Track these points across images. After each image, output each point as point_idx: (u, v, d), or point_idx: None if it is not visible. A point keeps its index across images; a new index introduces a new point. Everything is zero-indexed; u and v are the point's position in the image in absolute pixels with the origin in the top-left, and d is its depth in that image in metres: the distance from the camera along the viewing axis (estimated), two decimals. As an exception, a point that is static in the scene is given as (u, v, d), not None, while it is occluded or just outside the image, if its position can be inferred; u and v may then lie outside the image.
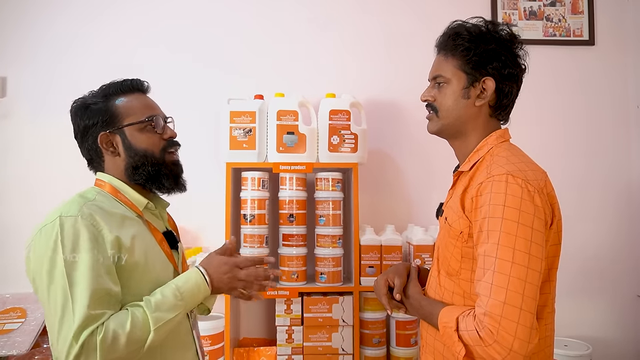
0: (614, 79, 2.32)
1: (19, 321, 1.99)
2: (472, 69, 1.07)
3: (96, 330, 0.90)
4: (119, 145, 1.10)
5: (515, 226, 0.92)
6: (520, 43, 1.10)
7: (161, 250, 1.10)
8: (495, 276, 0.91)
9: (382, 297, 1.17)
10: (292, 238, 1.95)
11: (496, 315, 0.89)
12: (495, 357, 0.90)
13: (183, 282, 1.04)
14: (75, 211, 0.97)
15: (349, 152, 1.97)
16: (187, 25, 2.26)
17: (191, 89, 2.22)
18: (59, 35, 2.23)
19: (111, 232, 0.98)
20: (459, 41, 1.08)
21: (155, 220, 1.16)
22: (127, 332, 0.92)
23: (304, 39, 2.28)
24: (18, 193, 2.19)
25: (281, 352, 1.92)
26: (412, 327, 1.95)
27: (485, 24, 1.10)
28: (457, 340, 0.95)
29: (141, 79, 1.17)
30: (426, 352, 1.15)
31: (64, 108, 2.16)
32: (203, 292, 1.05)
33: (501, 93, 1.09)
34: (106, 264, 0.96)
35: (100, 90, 1.13)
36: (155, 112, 1.14)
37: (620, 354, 2.25)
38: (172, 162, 1.15)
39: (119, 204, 1.08)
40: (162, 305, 0.98)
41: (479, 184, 1.00)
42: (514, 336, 0.88)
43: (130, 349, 0.93)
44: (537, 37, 2.32)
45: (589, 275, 2.26)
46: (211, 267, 1.09)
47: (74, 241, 0.94)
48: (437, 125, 1.13)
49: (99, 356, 0.89)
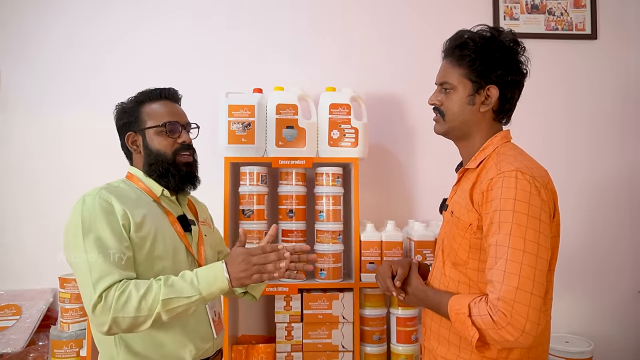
0: (616, 73, 2.30)
1: (14, 318, 1.96)
2: (478, 77, 1.14)
3: (114, 286, 1.05)
4: (140, 145, 1.28)
5: (526, 218, 1.00)
6: (523, 49, 1.17)
7: (173, 230, 1.23)
8: (508, 264, 0.98)
9: (387, 280, 1.22)
10: (292, 234, 1.93)
11: (509, 300, 0.96)
12: (508, 339, 0.96)
13: (203, 271, 1.13)
14: (96, 192, 1.16)
15: (349, 146, 1.94)
16: (186, 17, 2.22)
17: (189, 81, 2.18)
18: (54, 29, 2.19)
19: (122, 208, 1.14)
20: (466, 52, 1.14)
21: (172, 205, 1.29)
22: (140, 296, 1.05)
23: (304, 31, 2.25)
24: (12, 189, 2.16)
25: (280, 349, 1.90)
26: (412, 324, 1.93)
27: (490, 31, 1.16)
28: (471, 325, 1.01)
29: (173, 88, 1.33)
30: (430, 338, 1.22)
31: (57, 102, 2.17)
32: (220, 284, 1.12)
33: (504, 99, 1.16)
34: (118, 232, 1.12)
35: (136, 95, 1.31)
36: (174, 118, 1.28)
37: (621, 350, 2.24)
38: (183, 163, 1.29)
39: (138, 190, 1.25)
40: (177, 284, 1.09)
41: (489, 180, 1.06)
42: (526, 318, 0.95)
43: (138, 314, 1.04)
44: (539, 30, 2.30)
45: (590, 272, 2.25)
46: (230, 260, 1.16)
47: (92, 213, 1.11)
48: (443, 127, 1.20)
49: (112, 309, 1.03)
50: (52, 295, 2.09)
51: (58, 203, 2.08)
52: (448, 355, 1.15)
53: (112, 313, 1.03)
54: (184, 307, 1.08)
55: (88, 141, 2.17)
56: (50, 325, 1.99)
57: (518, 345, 0.97)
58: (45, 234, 2.09)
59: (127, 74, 2.17)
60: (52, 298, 2.08)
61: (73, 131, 2.17)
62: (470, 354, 1.10)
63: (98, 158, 2.12)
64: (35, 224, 2.14)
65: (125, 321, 1.04)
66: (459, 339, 1.12)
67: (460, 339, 1.11)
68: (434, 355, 1.19)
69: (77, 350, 1.88)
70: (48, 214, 2.15)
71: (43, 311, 2.00)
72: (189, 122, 1.33)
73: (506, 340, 0.97)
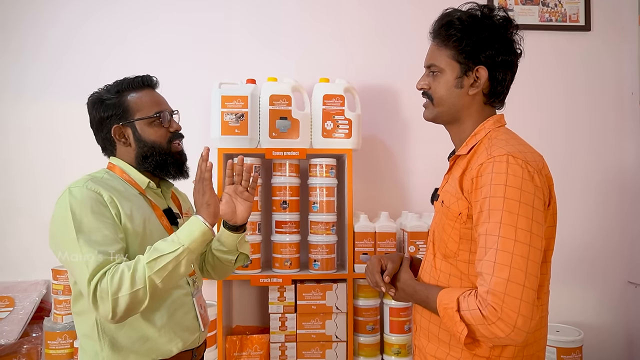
0: (610, 65, 2.31)
1: (7, 310, 1.95)
2: (465, 58, 1.07)
3: (106, 273, 1.03)
4: (130, 137, 1.23)
5: (517, 205, 0.93)
6: (516, 28, 1.09)
7: (160, 224, 1.22)
8: (498, 254, 0.92)
9: (375, 274, 1.17)
10: (285, 225, 1.93)
11: (499, 293, 0.89)
12: (498, 335, 0.90)
13: (182, 227, 1.15)
14: (82, 183, 1.13)
15: (343, 137, 1.94)
16: (179, 7, 2.20)
17: (181, 72, 2.17)
18: (41, 19, 2.16)
19: (112, 199, 1.12)
20: (452, 31, 1.07)
21: (157, 198, 1.28)
22: (131, 271, 1.04)
23: (297, 22, 2.23)
24: (5, 180, 2.14)
25: (274, 340, 1.91)
26: (405, 314, 1.95)
27: (480, 9, 1.08)
28: (459, 321, 0.95)
29: (150, 76, 1.28)
30: (420, 335, 1.16)
31: (43, 91, 2.15)
32: (198, 227, 1.13)
33: (495, 81, 1.09)
34: (110, 222, 1.10)
35: (114, 85, 1.25)
36: (162, 107, 1.26)
37: (611, 339, 2.28)
38: (177, 152, 1.28)
39: (123, 182, 1.22)
40: (159, 245, 1.09)
41: (479, 165, 1.00)
42: (517, 313, 0.88)
43: (134, 288, 1.03)
44: (533, 22, 2.30)
45: (580, 262, 2.27)
46: (196, 203, 1.19)
47: (81, 205, 1.09)
48: (432, 112, 1.14)
49: (109, 292, 1.01)
50: (45, 287, 2.09)
51: (51, 195, 2.06)
52: (438, 353, 1.08)
53: (110, 296, 1.01)
54: (173, 263, 1.07)
55: (82, 132, 2.15)
56: (44, 317, 1.99)
57: (509, 341, 0.91)
58: (38, 226, 2.07)
59: (117, 63, 2.15)
60: (45, 290, 2.08)
61: (68, 122, 2.15)
62: (460, 352, 1.03)
63: (93, 149, 2.10)
64: (28, 215, 2.13)
65: (125, 299, 1.02)
66: (449, 336, 1.06)
67: (451, 336, 1.05)
68: (423, 353, 1.13)
69: (71, 341, 1.88)
70: (41, 205, 2.13)
71: (36, 303, 2.00)
72: (172, 108, 1.30)
73: (497, 337, 0.90)
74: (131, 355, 1.13)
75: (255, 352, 1.92)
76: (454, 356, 1.05)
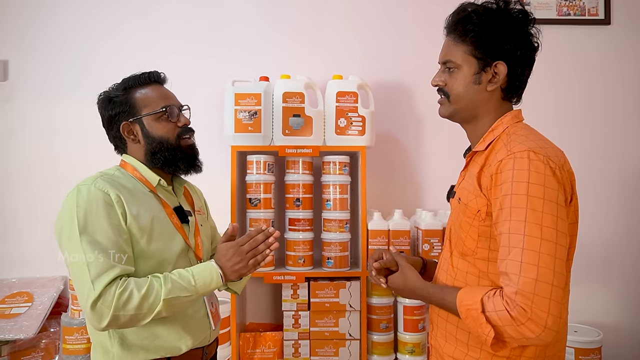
0: (631, 60, 2.25)
1: (26, 305, 1.99)
2: (483, 53, 1.05)
3: (114, 283, 1.03)
4: (138, 133, 1.23)
5: (541, 203, 0.91)
6: (533, 21, 1.07)
7: (170, 222, 1.21)
8: (524, 253, 0.89)
9: (369, 260, 1.21)
10: (299, 222, 1.93)
11: (528, 293, 0.87)
12: (528, 335, 0.88)
13: (199, 272, 1.13)
14: (91, 181, 1.13)
15: (357, 135, 1.93)
16: (192, 4, 2.20)
17: (195, 70, 2.18)
18: (61, 19, 2.18)
19: (119, 198, 1.12)
20: (469, 26, 1.05)
21: (168, 195, 1.27)
22: (141, 295, 1.04)
23: (310, 19, 2.22)
24: (21, 177, 2.18)
25: (288, 337, 1.91)
26: (419, 313, 1.93)
27: (496, 2, 1.06)
28: (485, 322, 0.92)
29: (158, 71, 1.27)
30: (437, 335, 1.14)
31: (65, 91, 2.18)
32: (215, 282, 1.14)
33: (514, 76, 1.07)
34: (116, 224, 1.09)
35: (122, 83, 1.25)
36: (170, 102, 1.25)
37: (630, 340, 2.22)
38: (187, 146, 1.26)
39: (134, 180, 1.21)
40: (177, 283, 1.09)
41: (498, 162, 0.98)
42: (547, 312, 0.87)
43: (139, 311, 1.04)
44: (550, 16, 2.25)
45: (600, 261, 2.22)
46: (220, 257, 1.17)
47: (87, 205, 1.08)
48: (448, 109, 1.12)
49: (112, 307, 1.02)
50: (63, 282, 2.12)
51: (69, 190, 2.10)
52: (455, 353, 1.06)
53: (112, 311, 1.02)
54: (184, 305, 1.12)
55: (102, 130, 2.17)
56: (62, 312, 2.02)
57: (539, 342, 0.89)
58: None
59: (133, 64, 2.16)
60: (62, 285, 2.11)
61: (87, 119, 2.17)
62: (479, 352, 1.02)
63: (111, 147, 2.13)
64: (47, 211, 2.16)
65: (125, 318, 1.04)
66: (467, 336, 1.04)
67: (469, 336, 1.03)
68: (440, 354, 1.12)
69: (88, 337, 1.91)
70: (59, 201, 2.16)
71: (54, 298, 2.03)
72: (181, 103, 1.29)
73: (526, 338, 0.88)
74: (140, 352, 1.14)
75: (269, 350, 1.93)
76: (473, 356, 1.03)
